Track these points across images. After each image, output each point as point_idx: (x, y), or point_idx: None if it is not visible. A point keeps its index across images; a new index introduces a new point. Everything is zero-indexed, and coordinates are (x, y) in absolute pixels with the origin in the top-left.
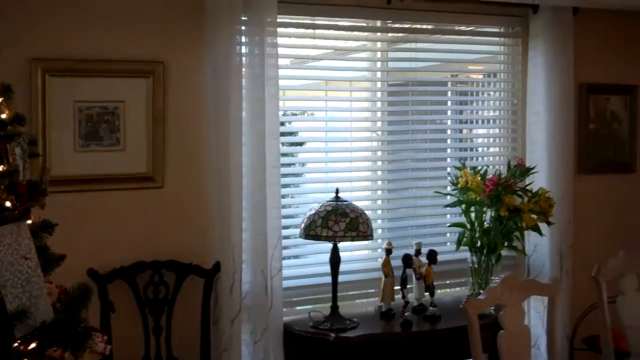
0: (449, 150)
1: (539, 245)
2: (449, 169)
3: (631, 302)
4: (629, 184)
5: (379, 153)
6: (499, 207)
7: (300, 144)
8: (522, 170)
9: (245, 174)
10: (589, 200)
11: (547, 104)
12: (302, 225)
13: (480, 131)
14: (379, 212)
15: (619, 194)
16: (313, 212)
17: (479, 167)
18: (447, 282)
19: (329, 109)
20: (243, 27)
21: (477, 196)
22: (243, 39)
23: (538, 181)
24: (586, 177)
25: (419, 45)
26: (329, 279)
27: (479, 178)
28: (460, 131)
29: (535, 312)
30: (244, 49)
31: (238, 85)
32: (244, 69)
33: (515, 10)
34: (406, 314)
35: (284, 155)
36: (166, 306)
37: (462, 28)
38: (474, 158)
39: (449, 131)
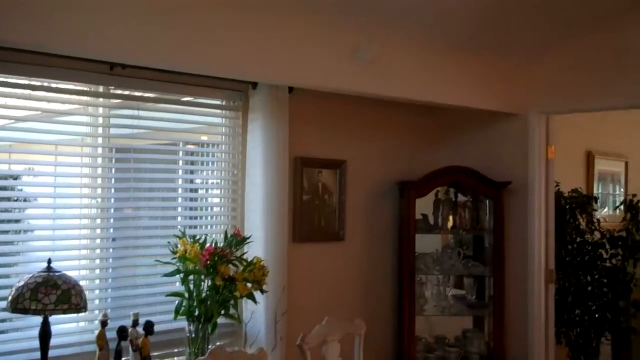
0: (177, 219)
1: (256, 313)
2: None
3: None
4: (339, 251)
5: (99, 220)
6: (214, 276)
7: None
8: (238, 239)
9: None
10: (303, 268)
11: (264, 175)
12: (9, 297)
13: (203, 200)
14: (97, 282)
15: (330, 261)
16: (22, 283)
17: (199, 236)
18: (165, 352)
19: (35, 174)
20: None
21: (195, 265)
22: None
23: (255, 250)
24: (300, 246)
25: (142, 113)
26: (38, 355)
27: (198, 247)
28: (185, 199)
29: None
30: None
31: None
32: None
33: (237, 85)
34: None
35: None
36: None
37: (186, 98)
38: (197, 226)
39: (176, 199)
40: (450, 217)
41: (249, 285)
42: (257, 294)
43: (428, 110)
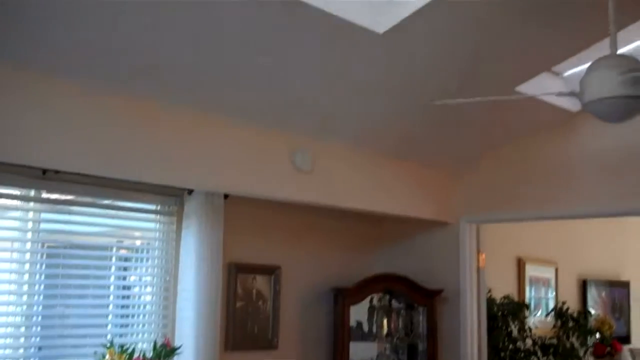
0: (107, 326)
1: None
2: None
3: None
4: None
5: (23, 329)
6: None
7: None
8: (167, 350)
9: None
10: None
11: (196, 281)
12: None
13: (134, 307)
14: None
15: None
16: None
17: (127, 345)
18: None
19: None
20: None
21: None
22: None
23: (186, 359)
24: (233, 354)
25: (74, 217)
26: None
27: (126, 358)
28: (116, 306)
29: None
30: None
31: None
32: None
33: (172, 190)
34: None
35: None
36: None
37: (120, 203)
38: (127, 334)
39: (107, 306)
40: (385, 324)
41: None
42: None
43: (363, 217)
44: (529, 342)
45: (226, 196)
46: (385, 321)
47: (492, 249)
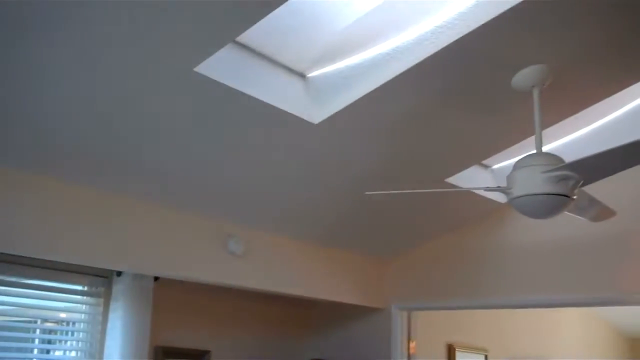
0: None
1: None
2: None
3: None
4: None
5: None
6: None
7: None
8: None
9: None
10: None
11: None
12: None
13: None
14: None
15: None
16: None
17: None
18: None
19: None
20: None
21: None
22: None
23: None
24: None
25: None
26: None
27: None
28: None
29: None
30: None
31: None
32: None
33: (100, 271)
34: None
35: None
36: None
37: (45, 283)
38: None
39: None
40: None
41: None
42: None
43: (294, 302)
44: None
45: (156, 278)
46: None
47: (423, 335)
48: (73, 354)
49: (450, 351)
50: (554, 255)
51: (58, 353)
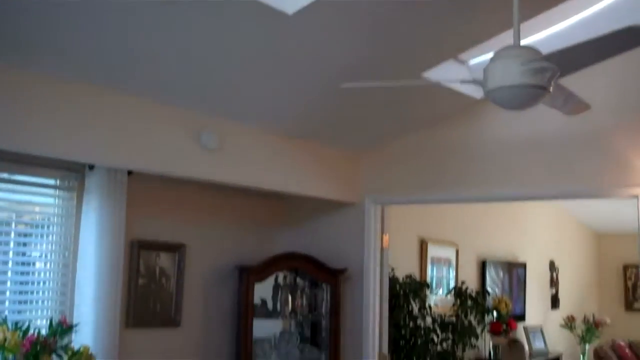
0: (6, 304)
1: None
2: None
3: None
4: (175, 337)
5: None
6: None
7: None
8: (63, 328)
9: None
10: (136, 354)
11: (97, 258)
12: None
13: (31, 284)
14: None
15: (165, 347)
16: None
17: (21, 323)
18: None
19: None
20: None
21: (15, 355)
22: None
23: (85, 336)
24: (134, 331)
25: None
26: None
27: (19, 336)
28: (13, 282)
29: None
30: None
31: None
32: None
33: (72, 165)
34: None
35: None
36: None
37: (17, 177)
38: (25, 311)
39: (6, 282)
40: (289, 302)
41: None
42: None
43: (268, 197)
44: (428, 320)
45: (130, 173)
46: (289, 299)
47: (395, 230)
48: (48, 247)
49: (423, 245)
50: (525, 150)
51: (35, 254)
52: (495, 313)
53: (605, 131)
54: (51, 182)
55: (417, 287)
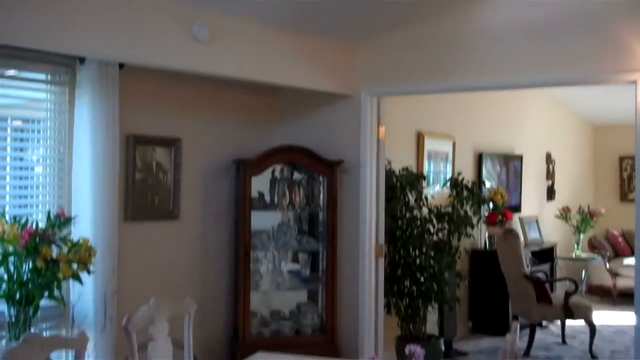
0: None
1: (84, 294)
2: None
3: (162, 348)
4: (173, 230)
5: None
6: (35, 258)
7: None
8: (61, 220)
9: None
10: (135, 247)
11: (92, 152)
12: None
13: (28, 179)
14: None
15: (164, 239)
16: None
17: (20, 217)
18: None
19: None
20: None
21: (15, 247)
22: None
23: (84, 229)
24: (132, 224)
25: None
26: None
27: (18, 228)
28: (10, 177)
29: None
30: None
31: None
32: None
33: (63, 59)
34: None
35: None
36: None
37: (5, 72)
38: (25, 205)
39: (5, 178)
40: (287, 195)
41: (75, 266)
42: (84, 275)
43: (264, 90)
44: (425, 210)
45: (122, 66)
46: (287, 192)
47: (392, 123)
48: (42, 142)
49: (419, 138)
50: (520, 37)
51: (29, 149)
52: (491, 204)
53: (603, 14)
54: (42, 76)
55: (414, 179)
